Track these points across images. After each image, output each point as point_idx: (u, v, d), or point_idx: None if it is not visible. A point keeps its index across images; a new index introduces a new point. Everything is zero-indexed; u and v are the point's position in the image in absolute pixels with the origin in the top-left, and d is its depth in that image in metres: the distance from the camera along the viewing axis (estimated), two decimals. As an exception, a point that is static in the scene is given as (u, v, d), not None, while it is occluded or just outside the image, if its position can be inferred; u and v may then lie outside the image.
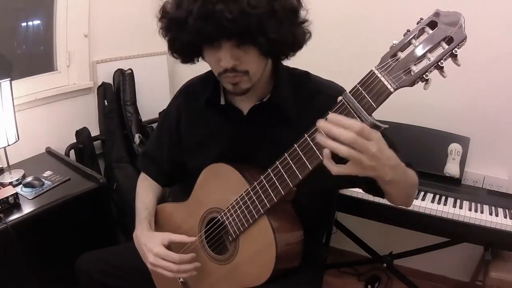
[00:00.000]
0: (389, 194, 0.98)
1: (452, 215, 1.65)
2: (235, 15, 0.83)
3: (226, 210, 1.03)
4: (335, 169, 0.76)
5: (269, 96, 1.07)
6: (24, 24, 2.01)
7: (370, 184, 0.95)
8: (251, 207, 0.97)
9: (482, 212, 1.66)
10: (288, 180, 0.89)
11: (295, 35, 0.95)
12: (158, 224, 1.25)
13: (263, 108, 1.07)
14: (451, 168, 1.84)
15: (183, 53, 1.03)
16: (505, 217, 1.63)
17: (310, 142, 0.82)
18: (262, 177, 0.94)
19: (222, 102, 1.13)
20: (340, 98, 0.78)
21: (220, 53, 0.93)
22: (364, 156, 0.74)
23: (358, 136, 0.72)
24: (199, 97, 1.16)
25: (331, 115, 0.75)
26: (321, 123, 0.76)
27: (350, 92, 0.76)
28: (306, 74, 1.13)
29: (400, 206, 1.06)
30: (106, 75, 2.27)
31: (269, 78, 1.09)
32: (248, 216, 0.98)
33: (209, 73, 1.16)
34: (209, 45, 0.94)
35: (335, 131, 0.73)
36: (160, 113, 2.53)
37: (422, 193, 1.77)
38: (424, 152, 1.87)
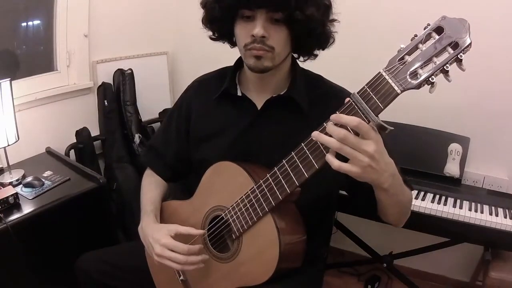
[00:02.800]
0: (383, 206, 0.99)
1: (452, 215, 1.66)
2: None
3: (230, 208, 1.03)
4: (336, 163, 0.78)
5: (286, 90, 1.10)
6: (24, 24, 2.00)
7: (366, 195, 0.96)
8: (256, 205, 0.97)
9: (482, 212, 1.66)
10: (294, 179, 0.89)
11: (324, 27, 1.02)
12: (162, 221, 1.24)
13: (278, 103, 1.09)
14: (451, 168, 1.84)
15: (218, 23, 1.08)
16: (505, 217, 1.63)
17: (318, 141, 0.83)
18: (268, 175, 0.94)
19: (239, 93, 1.15)
20: (348, 98, 0.79)
21: (252, 25, 0.98)
22: (361, 154, 0.75)
23: (351, 133, 0.75)
24: (212, 90, 1.18)
25: (333, 115, 0.78)
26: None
27: (358, 93, 0.77)
28: (320, 77, 1.17)
29: (397, 220, 1.07)
30: (106, 75, 2.27)
31: (286, 75, 1.12)
32: (252, 214, 0.98)
33: (224, 69, 1.21)
34: (244, 18, 1.00)
35: (329, 127, 0.77)
36: (160, 113, 2.54)
37: (422, 193, 1.78)
38: (424, 152, 1.88)
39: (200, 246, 1.07)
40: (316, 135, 0.80)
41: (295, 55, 1.14)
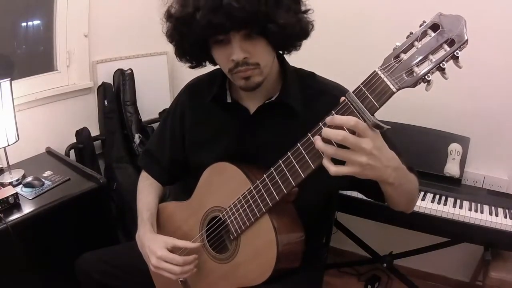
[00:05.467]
0: (391, 198, 0.98)
1: (452, 215, 1.65)
2: (243, 3, 0.85)
3: (228, 209, 1.03)
4: (333, 169, 0.77)
5: (278, 94, 1.08)
6: (24, 24, 2.01)
7: (372, 188, 0.95)
8: (253, 205, 0.97)
9: (482, 212, 1.66)
10: (291, 179, 0.89)
11: (300, 23, 0.97)
12: (160, 223, 1.25)
13: (271, 107, 1.08)
14: (451, 168, 1.84)
15: (192, 54, 1.04)
16: (505, 217, 1.63)
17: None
18: (265, 175, 0.94)
19: (229, 100, 1.14)
20: (343, 98, 0.78)
21: (229, 49, 0.95)
22: (358, 154, 0.75)
23: (350, 134, 0.73)
24: (204, 95, 1.16)
25: (328, 118, 0.77)
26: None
27: (353, 92, 0.77)
28: (312, 74, 1.14)
29: (406, 208, 1.06)
30: (106, 75, 2.27)
31: (276, 78, 1.09)
32: (250, 215, 0.98)
33: (215, 71, 1.17)
34: (218, 43, 0.96)
35: (325, 131, 0.76)
36: (160, 113, 2.54)
37: (422, 193, 1.77)
38: (424, 152, 1.87)
39: (194, 256, 1.07)
40: (313, 139, 0.80)
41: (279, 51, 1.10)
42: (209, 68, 1.14)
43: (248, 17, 0.87)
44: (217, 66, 1.08)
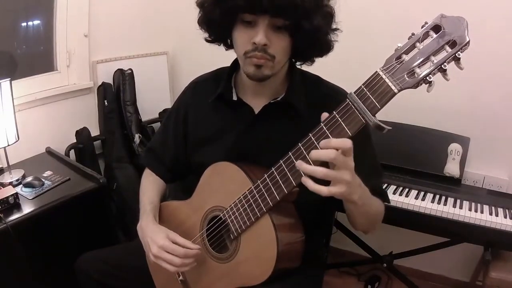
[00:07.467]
0: (352, 216, 1.01)
1: (452, 215, 1.65)
2: None
3: (228, 209, 1.03)
4: (325, 190, 0.80)
5: (284, 95, 1.09)
6: (24, 24, 2.01)
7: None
8: (254, 205, 0.97)
9: (482, 212, 1.66)
10: (292, 179, 0.89)
11: (327, 37, 1.01)
12: (161, 221, 1.24)
13: (276, 107, 1.08)
14: (451, 168, 1.84)
15: (215, 25, 1.04)
16: (505, 217, 1.63)
17: (315, 141, 0.83)
18: (265, 175, 0.94)
19: (234, 98, 1.14)
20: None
21: (253, 32, 0.95)
22: (345, 173, 0.78)
23: (338, 153, 0.77)
24: (208, 93, 1.17)
25: (323, 142, 0.80)
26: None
27: (354, 92, 0.77)
28: (318, 78, 1.16)
29: (365, 229, 1.12)
30: (106, 75, 2.27)
31: (283, 79, 1.11)
32: (250, 215, 0.98)
33: (219, 70, 1.19)
34: (245, 23, 0.97)
35: (314, 153, 0.79)
36: (160, 113, 2.54)
37: (422, 193, 1.77)
38: (424, 152, 1.88)
39: (196, 251, 1.07)
40: (298, 164, 0.82)
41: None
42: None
43: (287, 7, 0.88)
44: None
